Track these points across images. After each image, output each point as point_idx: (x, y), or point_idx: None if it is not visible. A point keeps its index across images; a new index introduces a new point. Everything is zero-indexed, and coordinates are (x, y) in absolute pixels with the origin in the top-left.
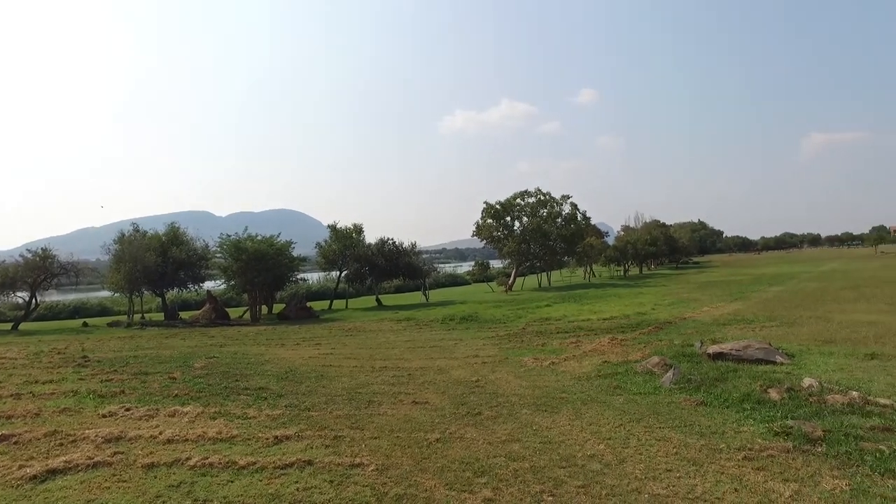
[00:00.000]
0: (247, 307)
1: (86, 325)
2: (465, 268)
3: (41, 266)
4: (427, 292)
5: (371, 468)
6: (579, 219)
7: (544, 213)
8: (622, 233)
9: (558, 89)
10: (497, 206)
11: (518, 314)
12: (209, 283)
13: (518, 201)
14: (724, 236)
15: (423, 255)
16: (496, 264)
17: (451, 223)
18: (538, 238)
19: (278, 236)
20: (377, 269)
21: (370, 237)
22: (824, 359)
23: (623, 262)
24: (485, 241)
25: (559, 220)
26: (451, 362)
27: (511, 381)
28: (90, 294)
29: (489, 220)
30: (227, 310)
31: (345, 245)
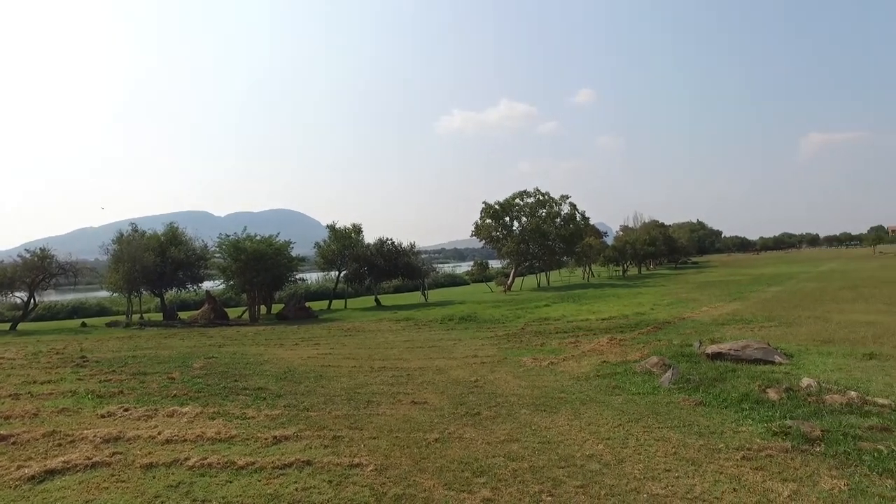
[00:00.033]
0: (245, 307)
1: (84, 325)
2: (464, 268)
3: (39, 266)
4: (426, 292)
5: (370, 468)
6: (578, 219)
7: (543, 213)
8: (621, 233)
9: (557, 89)
10: (496, 206)
11: (517, 314)
12: (208, 284)
13: (517, 201)
14: (723, 236)
15: (422, 255)
16: (495, 264)
17: (450, 223)
18: (537, 238)
19: (277, 236)
20: (376, 270)
21: (369, 237)
22: (823, 359)
23: (622, 262)
24: (484, 241)
25: (558, 220)
26: (450, 362)
27: (510, 381)
28: (89, 294)
29: (488, 220)
30: (226, 310)
31: (344, 245)
